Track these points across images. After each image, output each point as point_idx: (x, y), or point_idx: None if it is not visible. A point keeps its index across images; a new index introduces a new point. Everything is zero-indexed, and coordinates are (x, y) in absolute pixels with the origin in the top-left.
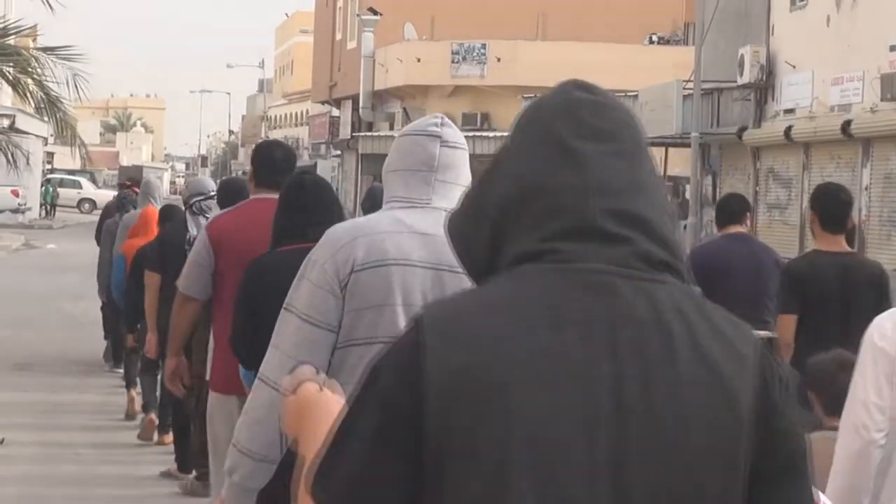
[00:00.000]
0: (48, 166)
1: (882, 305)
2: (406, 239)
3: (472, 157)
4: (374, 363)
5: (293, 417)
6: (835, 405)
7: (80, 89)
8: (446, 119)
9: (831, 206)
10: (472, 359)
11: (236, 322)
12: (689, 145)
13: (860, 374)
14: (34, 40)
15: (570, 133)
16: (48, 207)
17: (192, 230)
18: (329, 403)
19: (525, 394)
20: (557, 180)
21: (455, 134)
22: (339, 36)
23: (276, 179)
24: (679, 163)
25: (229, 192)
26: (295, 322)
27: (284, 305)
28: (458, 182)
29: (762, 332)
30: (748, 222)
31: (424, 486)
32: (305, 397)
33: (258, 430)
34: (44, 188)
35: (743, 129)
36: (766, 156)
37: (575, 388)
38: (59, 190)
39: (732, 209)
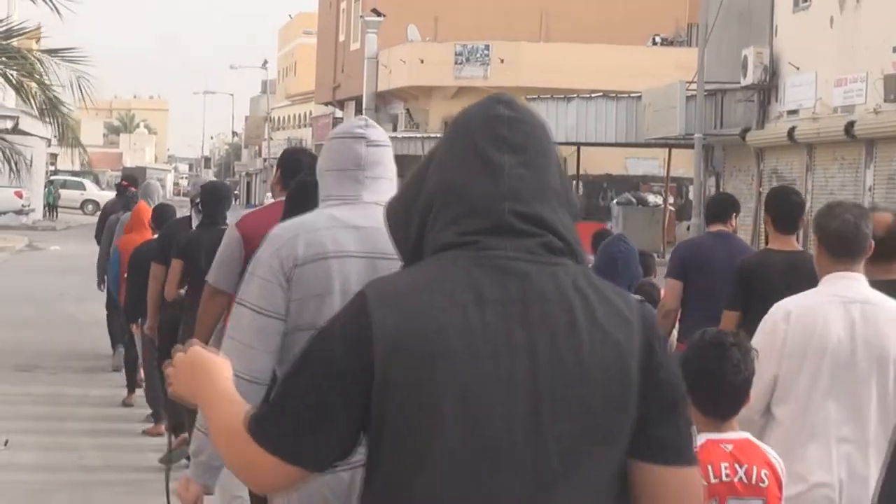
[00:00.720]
0: (52, 167)
1: None
2: (341, 233)
3: None
4: (320, 330)
5: (186, 375)
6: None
7: (84, 91)
8: (370, 121)
9: (783, 208)
10: (411, 328)
11: None
12: (692, 146)
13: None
14: (37, 42)
15: (489, 144)
16: (50, 209)
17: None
18: (214, 360)
19: (455, 360)
20: (476, 186)
21: (379, 133)
22: (342, 37)
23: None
24: (682, 163)
25: (213, 197)
26: (248, 314)
27: (237, 300)
28: (385, 176)
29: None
30: (733, 222)
31: (367, 440)
32: (193, 356)
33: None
34: (46, 189)
35: (746, 130)
36: (770, 157)
37: (496, 355)
38: (62, 191)
39: (718, 208)
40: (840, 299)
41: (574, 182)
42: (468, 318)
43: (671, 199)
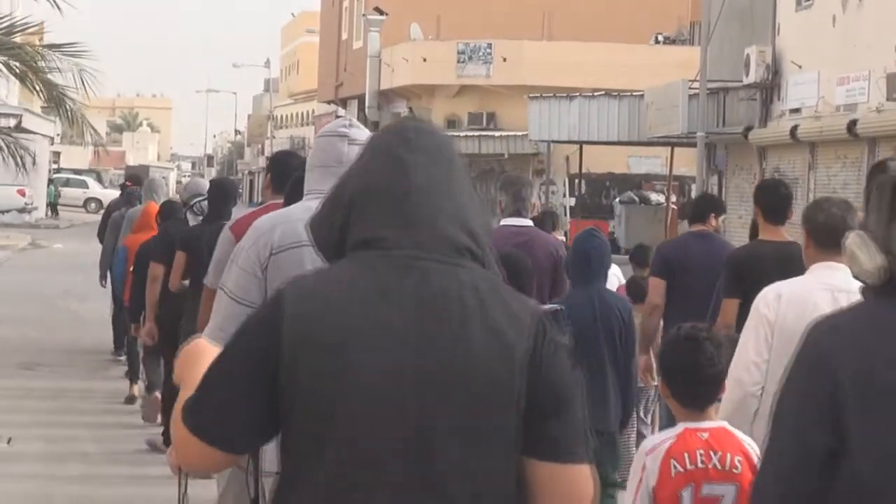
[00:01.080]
0: (54, 166)
1: None
2: None
3: (479, 156)
4: (245, 321)
5: (181, 366)
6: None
7: (87, 85)
8: (354, 121)
9: (772, 200)
10: (319, 320)
11: None
12: (694, 145)
13: (745, 336)
14: (40, 38)
15: (402, 149)
16: (52, 208)
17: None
18: (202, 350)
19: (356, 349)
20: (390, 184)
21: (361, 133)
22: (345, 36)
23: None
24: (685, 162)
25: (220, 193)
26: (225, 300)
27: (219, 285)
28: None
29: (549, 305)
30: (714, 222)
31: (279, 420)
32: (190, 348)
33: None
34: (49, 188)
35: (749, 128)
36: (772, 155)
37: (393, 346)
38: (65, 189)
39: (698, 209)
40: (827, 287)
41: (577, 181)
42: (370, 311)
43: (673, 198)
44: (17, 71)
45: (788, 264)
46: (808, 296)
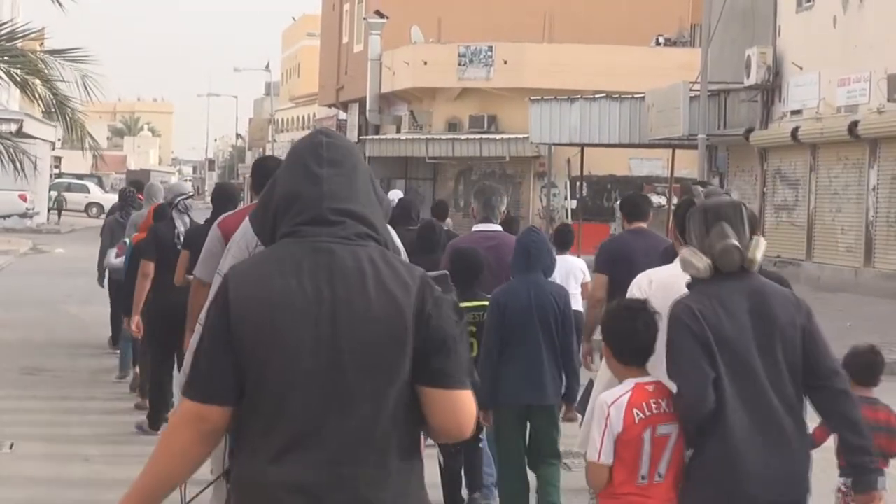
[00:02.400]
0: (56, 170)
1: None
2: None
3: (480, 159)
4: (207, 307)
5: None
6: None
7: (89, 90)
8: (330, 129)
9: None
10: (253, 293)
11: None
12: (696, 146)
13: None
14: (41, 44)
15: (313, 162)
16: (56, 213)
17: (179, 226)
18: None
19: (280, 313)
20: (304, 191)
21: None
22: (345, 39)
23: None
24: (686, 164)
25: (223, 195)
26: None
27: (217, 272)
28: None
29: (437, 272)
30: (648, 219)
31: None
32: None
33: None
34: (51, 193)
35: (750, 130)
36: (773, 157)
37: (308, 306)
38: (66, 194)
39: (638, 208)
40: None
41: (578, 183)
42: (290, 282)
43: (675, 200)
44: (18, 79)
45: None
46: (673, 281)
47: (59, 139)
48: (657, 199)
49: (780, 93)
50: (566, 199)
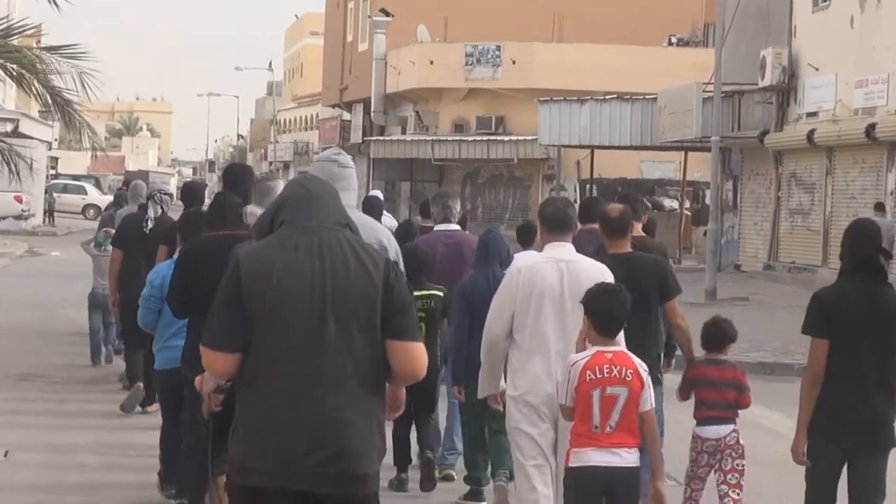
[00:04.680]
0: (52, 171)
1: (664, 291)
2: None
3: (487, 161)
4: (225, 274)
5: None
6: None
7: (87, 87)
8: (341, 151)
9: (608, 220)
10: (258, 265)
11: (174, 284)
12: (709, 149)
13: (498, 295)
14: (38, 41)
15: (304, 180)
16: (49, 215)
17: (150, 213)
18: None
19: (279, 277)
20: (300, 195)
21: (346, 159)
22: (350, 38)
23: (240, 188)
24: (699, 167)
25: (188, 194)
26: None
27: None
28: (349, 188)
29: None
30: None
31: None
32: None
33: None
34: (47, 194)
35: (764, 132)
36: (789, 160)
37: (303, 274)
38: (63, 196)
39: (591, 211)
40: (554, 259)
41: (588, 186)
42: (288, 256)
43: (687, 204)
44: (14, 73)
45: (631, 274)
46: (539, 266)
47: (55, 139)
48: (669, 203)
49: (796, 94)
50: (575, 202)
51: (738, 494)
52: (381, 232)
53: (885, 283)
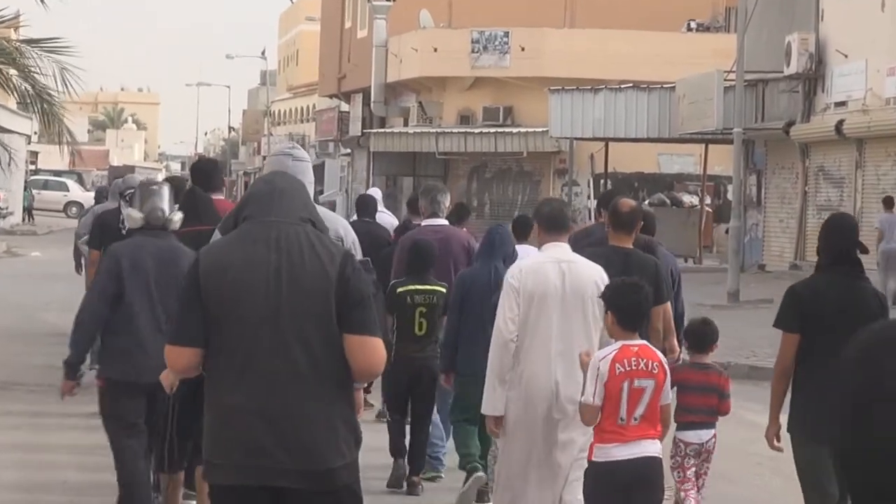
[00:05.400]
0: (32, 167)
1: (656, 294)
2: None
3: (495, 155)
4: (186, 272)
5: None
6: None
7: (68, 84)
8: (296, 144)
9: (618, 213)
10: (216, 261)
11: None
12: (731, 141)
13: (504, 296)
14: (16, 30)
15: (270, 175)
16: (28, 213)
17: (125, 212)
18: None
19: (237, 274)
20: (263, 190)
21: (300, 153)
22: (348, 24)
23: (214, 184)
24: (720, 160)
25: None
26: None
27: None
28: (304, 181)
29: (360, 258)
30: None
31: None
32: None
33: None
34: (26, 192)
35: (790, 123)
36: (816, 152)
37: (259, 267)
38: (44, 193)
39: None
40: (554, 259)
41: (602, 181)
42: (247, 249)
43: (708, 200)
44: None
45: (628, 269)
46: (540, 267)
47: (35, 132)
48: (689, 199)
49: (823, 83)
50: (589, 198)
51: (701, 494)
52: (338, 222)
53: (861, 277)
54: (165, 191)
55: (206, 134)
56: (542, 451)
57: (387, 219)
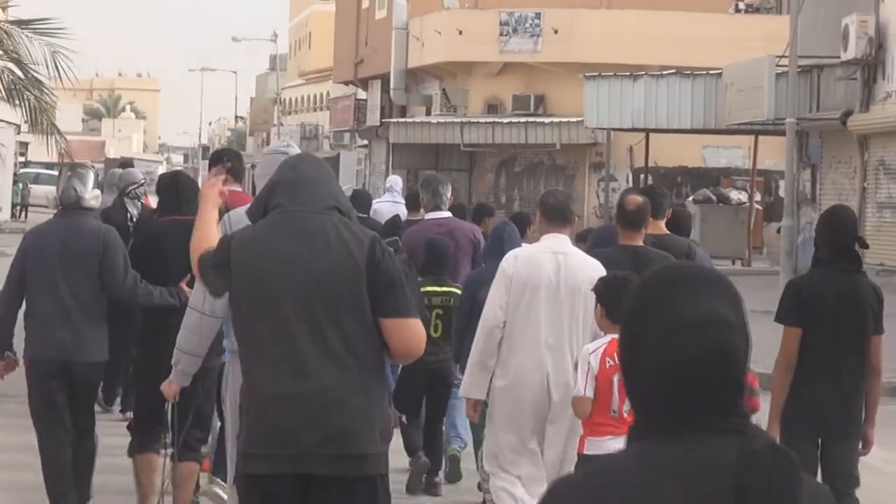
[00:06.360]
0: (21, 158)
1: None
2: None
3: (525, 147)
4: (217, 244)
5: (196, 228)
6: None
7: (60, 69)
8: (291, 142)
9: (623, 211)
10: (246, 245)
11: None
12: (783, 133)
13: (495, 285)
14: (4, 10)
15: (294, 161)
16: (20, 208)
17: (132, 210)
18: (210, 198)
19: (265, 262)
20: (288, 178)
21: (294, 151)
22: (365, 4)
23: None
24: (771, 154)
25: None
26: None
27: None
28: None
29: (390, 238)
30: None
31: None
32: (206, 192)
33: (190, 337)
34: (15, 186)
35: (847, 113)
36: (876, 145)
37: (285, 257)
38: (34, 187)
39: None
40: (550, 251)
41: (642, 176)
42: (273, 239)
43: (758, 197)
44: None
45: (642, 266)
46: (535, 256)
47: (25, 121)
48: (737, 196)
49: (884, 69)
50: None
51: None
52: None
53: (859, 272)
54: (85, 173)
55: (210, 124)
56: (532, 443)
57: (403, 209)
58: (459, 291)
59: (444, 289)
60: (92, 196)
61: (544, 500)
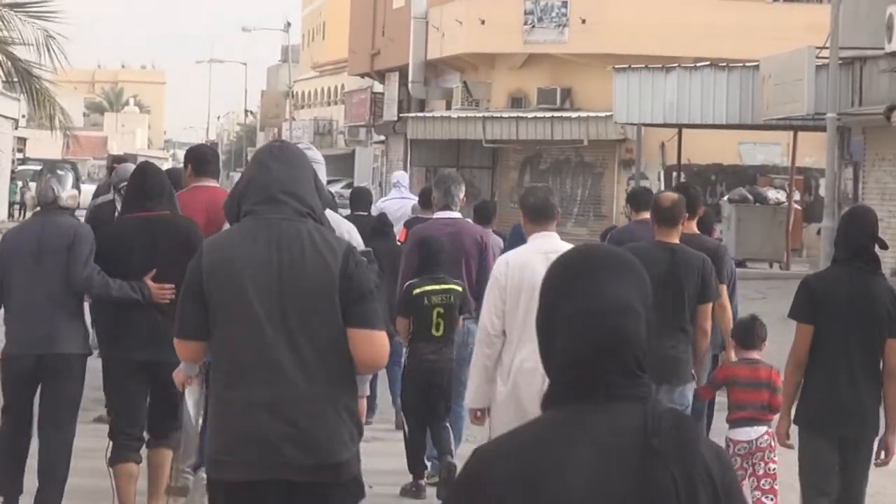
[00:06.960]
0: (19, 155)
1: (703, 290)
2: None
3: (551, 143)
4: (188, 267)
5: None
6: None
7: (55, 55)
8: (284, 141)
9: (659, 208)
10: (218, 256)
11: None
12: (824, 129)
13: (489, 291)
14: None
15: (269, 159)
16: (19, 207)
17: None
18: None
19: (238, 270)
20: (259, 178)
21: (315, 154)
22: None
23: (207, 170)
24: (812, 151)
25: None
26: None
27: None
28: None
29: (363, 248)
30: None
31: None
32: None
33: None
34: (13, 184)
35: (892, 108)
36: None
37: (260, 267)
38: (33, 185)
39: (641, 200)
40: (542, 251)
41: (675, 174)
42: (246, 248)
43: (797, 196)
44: None
45: (677, 265)
46: (527, 259)
47: (23, 116)
48: (775, 195)
49: None
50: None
51: (773, 500)
52: (341, 225)
53: (876, 272)
54: (64, 174)
55: (218, 118)
56: None
57: (412, 204)
58: (459, 289)
59: (443, 286)
60: (69, 195)
61: (466, 468)
